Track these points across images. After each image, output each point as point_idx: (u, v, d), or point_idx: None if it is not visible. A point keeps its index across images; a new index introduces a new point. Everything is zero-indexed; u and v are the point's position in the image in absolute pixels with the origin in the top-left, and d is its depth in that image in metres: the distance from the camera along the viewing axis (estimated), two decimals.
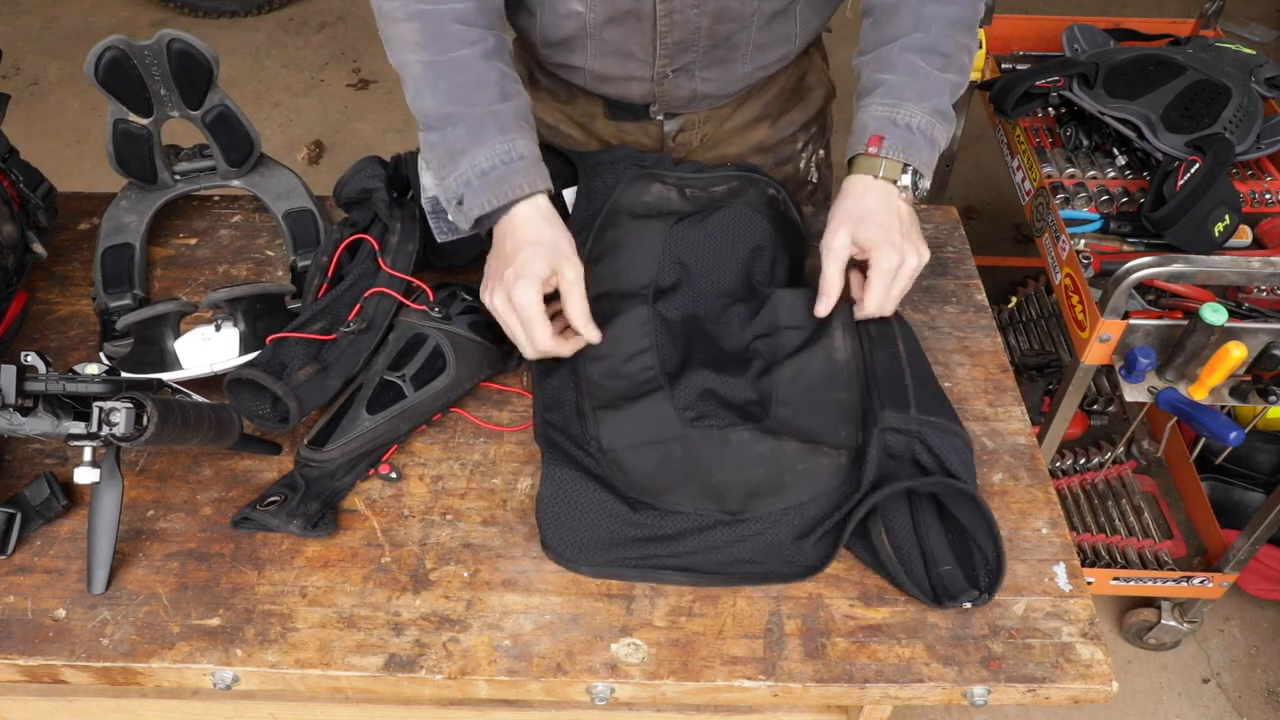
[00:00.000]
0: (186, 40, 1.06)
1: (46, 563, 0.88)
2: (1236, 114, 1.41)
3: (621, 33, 1.06)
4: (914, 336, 1.01)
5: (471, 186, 0.94)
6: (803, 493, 0.89)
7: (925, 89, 0.98)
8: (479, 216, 0.95)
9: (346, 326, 0.97)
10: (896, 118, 0.97)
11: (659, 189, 1.10)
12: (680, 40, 1.06)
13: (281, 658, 0.81)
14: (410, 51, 0.97)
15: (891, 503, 0.88)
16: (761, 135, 1.25)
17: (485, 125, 0.94)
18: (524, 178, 0.95)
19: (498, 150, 0.94)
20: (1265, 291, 1.31)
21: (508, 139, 0.94)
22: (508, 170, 0.94)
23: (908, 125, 0.97)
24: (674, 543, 0.86)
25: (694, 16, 1.04)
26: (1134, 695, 1.79)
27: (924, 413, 0.91)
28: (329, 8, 3.50)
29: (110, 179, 1.15)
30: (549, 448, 0.92)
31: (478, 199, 0.94)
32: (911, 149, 0.97)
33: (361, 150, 2.90)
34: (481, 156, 0.94)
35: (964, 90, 1.02)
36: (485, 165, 0.94)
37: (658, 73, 1.10)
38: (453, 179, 0.95)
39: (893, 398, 0.92)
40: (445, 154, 0.96)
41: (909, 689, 0.80)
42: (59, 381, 0.82)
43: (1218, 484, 1.82)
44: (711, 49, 1.08)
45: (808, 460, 0.90)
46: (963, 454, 0.89)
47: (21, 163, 1.11)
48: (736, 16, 1.05)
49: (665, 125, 1.20)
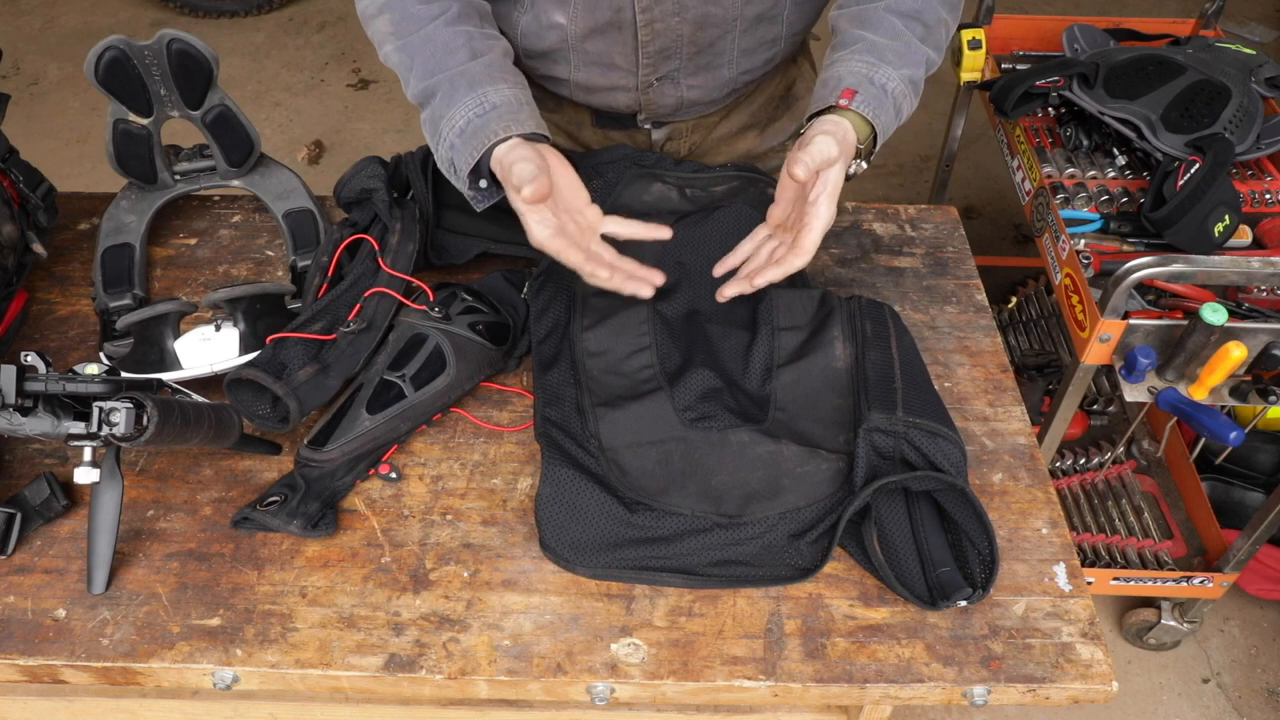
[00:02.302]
0: (186, 40, 1.07)
1: (46, 563, 0.88)
2: (1236, 114, 1.41)
3: (603, 43, 1.06)
4: (910, 337, 1.01)
5: (456, 148, 0.95)
6: (800, 497, 0.89)
7: (906, 55, 0.96)
8: (469, 175, 0.95)
9: (346, 326, 0.97)
10: (875, 77, 0.94)
11: (659, 188, 1.10)
12: (663, 49, 1.06)
13: (281, 658, 0.81)
14: (388, 42, 0.99)
15: (886, 505, 0.88)
16: (749, 144, 1.25)
17: (456, 87, 0.95)
18: (498, 124, 0.94)
19: (469, 105, 0.94)
20: (1265, 291, 1.31)
21: (477, 93, 0.94)
22: (482, 121, 0.94)
23: (883, 87, 0.94)
24: (671, 545, 0.86)
25: (675, 25, 1.03)
26: (1134, 695, 1.79)
27: (911, 414, 0.90)
28: (329, 8, 3.50)
29: (110, 179, 1.15)
30: (549, 446, 0.92)
31: (462, 158, 0.95)
32: (880, 110, 0.94)
33: (361, 150, 2.90)
34: (457, 116, 0.94)
35: (935, 69, 1.00)
36: (461, 123, 0.94)
37: (642, 81, 1.10)
38: (442, 148, 0.96)
39: (880, 399, 0.92)
40: (431, 127, 0.97)
41: (909, 689, 0.80)
42: (59, 381, 0.82)
43: (1218, 484, 1.82)
44: (695, 55, 1.08)
45: (805, 464, 0.90)
46: (952, 456, 0.88)
47: (21, 163, 1.11)
48: (719, 22, 1.04)
49: (653, 134, 1.20)
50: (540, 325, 1.03)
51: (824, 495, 0.89)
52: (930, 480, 0.86)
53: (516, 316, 1.05)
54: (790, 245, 0.94)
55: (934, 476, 0.85)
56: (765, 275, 0.95)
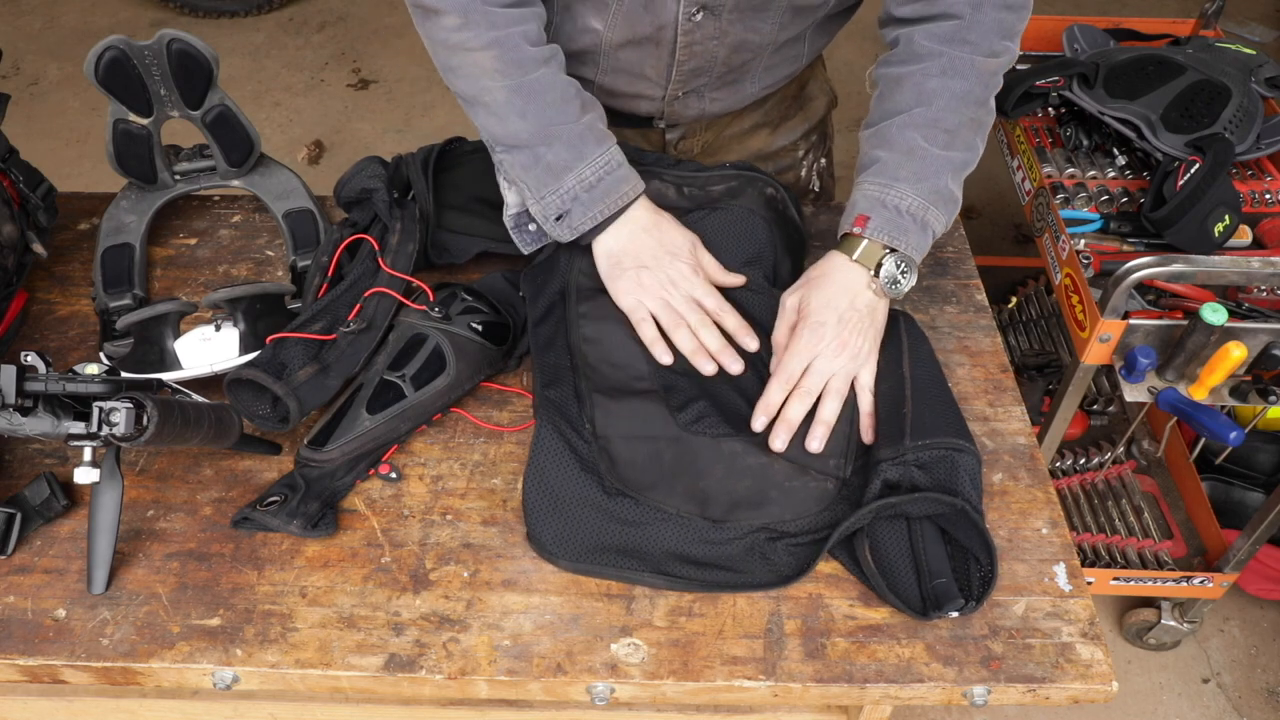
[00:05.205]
0: (186, 40, 1.06)
1: (46, 563, 0.88)
2: (1236, 114, 1.41)
3: (637, 55, 1.06)
4: (927, 345, 1.00)
5: (579, 200, 0.97)
6: (786, 510, 0.89)
7: (922, 169, 0.95)
8: (589, 229, 0.99)
9: (346, 326, 0.97)
10: (886, 199, 0.95)
11: (657, 186, 1.10)
12: (696, 68, 1.07)
13: (281, 658, 0.81)
14: (489, 79, 0.97)
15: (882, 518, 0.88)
16: (761, 142, 1.25)
17: (585, 140, 0.97)
18: (627, 184, 0.99)
19: (600, 163, 0.97)
20: (1265, 291, 1.31)
21: (604, 150, 0.98)
22: (613, 180, 0.98)
23: (896, 207, 0.95)
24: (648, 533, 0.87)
25: (713, 47, 1.04)
26: (1134, 695, 1.79)
27: (919, 438, 0.89)
28: (329, 8, 3.50)
29: (110, 179, 1.15)
30: (543, 423, 0.92)
31: (587, 211, 0.98)
32: (899, 231, 0.95)
33: (361, 150, 2.90)
34: (587, 171, 0.97)
35: (974, 166, 0.99)
36: (592, 179, 0.97)
37: (669, 95, 1.11)
38: (555, 196, 0.98)
39: (888, 434, 0.91)
40: (544, 173, 0.97)
41: (909, 689, 0.80)
42: (59, 381, 0.82)
43: (1218, 484, 1.82)
44: (725, 74, 1.09)
45: (794, 480, 0.91)
46: (966, 467, 0.87)
47: (21, 163, 1.11)
48: (754, 47, 1.05)
49: (667, 134, 1.20)
50: (536, 306, 1.04)
51: (810, 512, 0.89)
52: (928, 503, 0.85)
53: (516, 316, 1.05)
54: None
55: (932, 499, 0.85)
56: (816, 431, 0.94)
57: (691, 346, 0.98)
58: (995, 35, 0.97)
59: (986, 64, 0.97)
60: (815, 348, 0.94)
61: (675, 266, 0.99)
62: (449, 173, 1.14)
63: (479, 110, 0.99)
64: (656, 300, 0.99)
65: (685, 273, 1.00)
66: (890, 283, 0.96)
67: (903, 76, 0.98)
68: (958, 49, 0.97)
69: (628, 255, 1.00)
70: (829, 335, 0.94)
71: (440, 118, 3.03)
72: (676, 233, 1.02)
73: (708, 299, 1.00)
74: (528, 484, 0.90)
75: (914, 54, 0.99)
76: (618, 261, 1.00)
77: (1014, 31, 0.99)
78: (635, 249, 1.00)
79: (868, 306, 0.95)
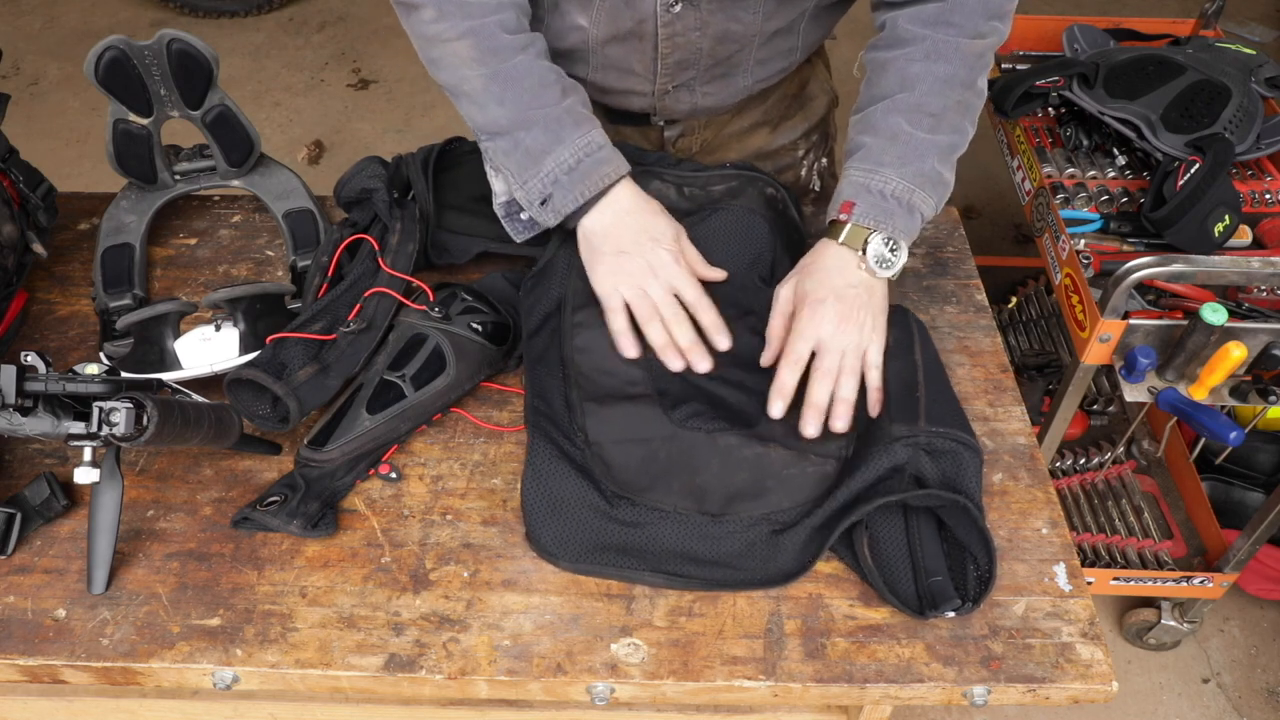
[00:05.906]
0: (186, 40, 1.06)
1: (46, 563, 0.88)
2: (1236, 114, 1.41)
3: (623, 50, 1.06)
4: (933, 345, 1.00)
5: (560, 184, 0.97)
6: (784, 499, 0.89)
7: (906, 153, 0.95)
8: (571, 211, 0.98)
9: (346, 326, 0.97)
10: (871, 184, 0.95)
11: (657, 186, 1.10)
12: (681, 60, 1.06)
13: (281, 658, 0.81)
14: (467, 68, 0.97)
15: (881, 512, 0.88)
16: (761, 141, 1.25)
17: (562, 123, 0.97)
18: (609, 166, 0.98)
19: (579, 145, 0.96)
20: (1265, 291, 1.31)
21: (583, 132, 0.97)
22: (593, 162, 0.97)
23: (881, 192, 0.94)
24: (649, 534, 0.87)
25: (695, 39, 1.04)
26: (1134, 695, 1.79)
27: (934, 424, 0.89)
28: (329, 8, 3.50)
29: (110, 179, 1.15)
30: (535, 433, 0.92)
31: (568, 194, 0.97)
32: (884, 215, 0.94)
33: (361, 150, 2.90)
34: (565, 154, 0.96)
35: (964, 149, 0.99)
36: (571, 161, 0.96)
37: (658, 89, 1.10)
38: (536, 180, 0.97)
39: (903, 411, 0.91)
40: (524, 158, 0.97)
41: (909, 689, 0.80)
42: (59, 381, 0.82)
43: (1218, 484, 1.82)
44: (713, 67, 1.08)
45: (792, 467, 0.90)
46: (972, 464, 0.88)
47: (21, 163, 1.11)
48: (738, 38, 1.05)
49: (665, 132, 1.20)
50: (532, 318, 1.04)
51: (808, 498, 0.89)
52: (932, 499, 0.85)
53: (516, 316, 1.05)
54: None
55: (935, 495, 0.85)
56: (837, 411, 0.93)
57: (662, 341, 0.97)
58: (980, 16, 0.97)
59: (972, 45, 0.97)
60: (819, 327, 0.93)
61: (656, 253, 0.98)
62: (449, 173, 1.14)
63: (461, 100, 1.00)
64: (633, 289, 0.97)
65: (666, 260, 0.98)
66: (879, 262, 0.95)
67: (887, 61, 0.98)
68: (942, 31, 0.96)
69: (609, 238, 0.98)
70: (830, 312, 0.93)
71: (440, 118, 3.03)
72: (661, 218, 1.00)
73: (687, 289, 0.98)
74: (526, 487, 0.90)
75: (898, 38, 0.98)
76: (598, 245, 0.99)
77: (1001, 11, 0.98)
78: (617, 232, 0.98)
79: (864, 284, 0.95)
